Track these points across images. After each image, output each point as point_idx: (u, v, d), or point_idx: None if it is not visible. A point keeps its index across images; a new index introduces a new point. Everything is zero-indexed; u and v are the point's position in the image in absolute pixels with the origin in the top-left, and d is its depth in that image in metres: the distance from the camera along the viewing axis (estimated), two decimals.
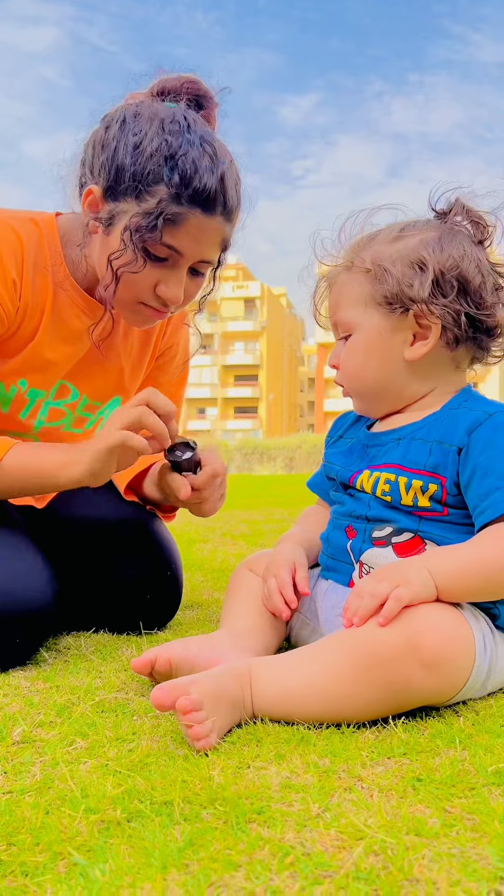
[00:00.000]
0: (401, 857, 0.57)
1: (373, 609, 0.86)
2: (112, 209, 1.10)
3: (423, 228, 1.05)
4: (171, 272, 1.13)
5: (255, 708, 0.88)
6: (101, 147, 1.10)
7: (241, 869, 0.56)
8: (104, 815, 0.65)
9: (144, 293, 1.15)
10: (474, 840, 0.60)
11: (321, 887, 0.53)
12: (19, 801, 0.68)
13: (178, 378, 1.48)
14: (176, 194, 1.06)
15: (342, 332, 1.09)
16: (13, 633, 1.08)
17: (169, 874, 0.55)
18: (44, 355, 1.23)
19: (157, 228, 1.07)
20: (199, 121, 1.10)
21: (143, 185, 1.06)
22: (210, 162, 1.07)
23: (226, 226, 1.13)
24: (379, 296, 1.03)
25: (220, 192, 1.08)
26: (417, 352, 1.03)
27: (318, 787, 0.70)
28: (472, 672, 0.88)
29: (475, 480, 0.96)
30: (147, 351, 1.39)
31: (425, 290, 0.99)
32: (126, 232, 1.08)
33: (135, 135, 1.07)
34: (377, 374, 1.06)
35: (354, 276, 1.06)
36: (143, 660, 0.98)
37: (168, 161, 1.05)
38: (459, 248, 1.01)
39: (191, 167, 1.05)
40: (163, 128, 1.06)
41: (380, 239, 1.06)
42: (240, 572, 1.21)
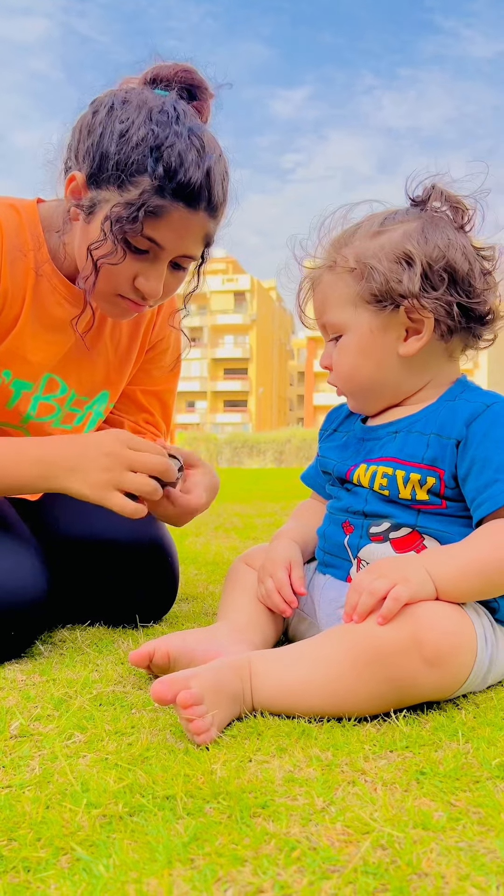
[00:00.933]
0: (408, 850, 0.56)
1: (371, 606, 0.85)
2: (94, 197, 1.08)
3: (404, 219, 1.03)
4: (151, 265, 1.11)
5: (255, 702, 0.87)
6: (87, 132, 1.07)
7: (248, 864, 0.55)
8: (106, 809, 0.64)
9: (123, 285, 1.12)
10: (481, 833, 0.60)
11: (329, 882, 0.52)
12: (19, 796, 0.67)
13: (170, 372, 1.46)
14: (159, 187, 1.03)
15: (332, 334, 1.07)
16: (7, 626, 1.06)
17: (174, 869, 0.54)
18: (26, 344, 1.21)
19: (138, 220, 1.04)
20: (189, 112, 1.08)
21: (127, 174, 1.04)
22: (197, 155, 1.04)
23: (209, 222, 1.10)
24: (367, 294, 1.01)
25: (206, 187, 1.06)
26: (412, 347, 1.02)
27: (321, 781, 0.69)
28: (473, 667, 0.88)
29: (473, 473, 0.95)
30: (135, 343, 1.37)
31: (415, 284, 0.98)
32: (107, 222, 1.06)
33: (121, 122, 1.04)
34: (372, 373, 1.05)
35: (339, 276, 1.03)
36: (141, 653, 0.97)
37: (153, 152, 1.03)
38: (444, 237, 0.99)
39: (176, 160, 1.03)
40: (150, 117, 1.04)
41: (360, 234, 1.04)
42: (237, 567, 1.20)
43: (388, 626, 0.84)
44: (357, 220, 1.07)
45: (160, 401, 1.46)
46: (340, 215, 1.08)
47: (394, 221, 1.03)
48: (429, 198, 1.03)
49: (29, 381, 1.24)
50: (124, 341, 1.35)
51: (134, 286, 1.12)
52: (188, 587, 1.77)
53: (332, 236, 1.07)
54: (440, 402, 1.04)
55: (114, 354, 1.34)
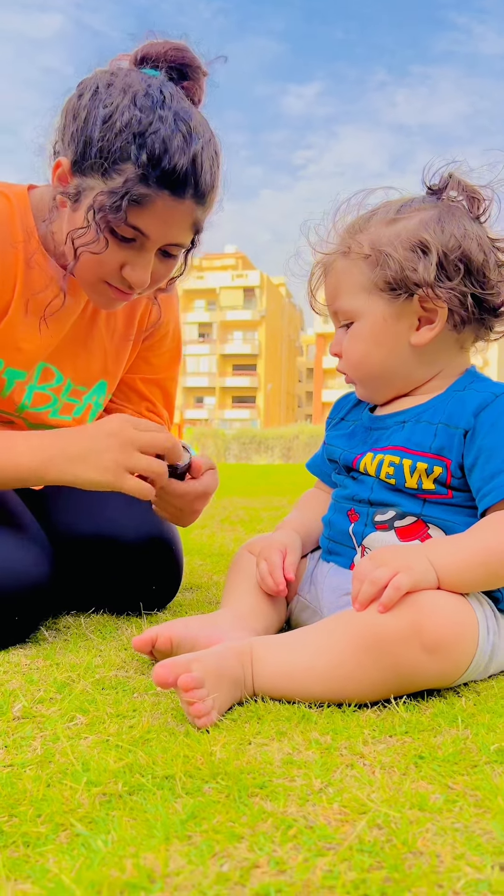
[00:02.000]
0: (404, 830, 0.57)
1: (372, 595, 0.86)
2: (79, 184, 1.05)
3: (420, 207, 1.02)
4: (138, 254, 1.09)
5: (256, 687, 0.88)
6: (72, 116, 1.05)
7: (244, 840, 0.55)
8: (105, 788, 0.64)
9: (110, 274, 1.10)
10: (477, 815, 0.60)
11: (325, 859, 0.53)
12: (20, 774, 0.68)
13: (169, 359, 1.45)
14: (143, 175, 1.01)
15: (343, 320, 1.07)
16: (10, 610, 1.07)
17: (172, 845, 0.55)
18: (17, 333, 1.20)
19: (122, 209, 1.02)
20: (176, 95, 1.05)
21: (110, 162, 1.01)
22: (183, 141, 1.01)
23: (197, 209, 1.08)
24: (381, 282, 1.00)
25: (192, 174, 1.03)
26: (424, 337, 1.01)
27: (319, 764, 0.70)
28: (475, 656, 0.88)
29: (479, 463, 0.95)
30: (131, 331, 1.36)
31: (430, 273, 0.97)
32: (90, 211, 1.04)
33: (105, 107, 1.01)
34: (383, 361, 1.04)
35: (353, 263, 1.02)
36: (144, 638, 0.98)
37: (137, 138, 1.00)
38: (460, 227, 0.99)
39: (160, 146, 1.00)
40: (135, 101, 1.01)
41: (376, 221, 1.03)
42: (241, 554, 1.20)
43: (390, 614, 0.84)
44: (372, 207, 1.06)
45: (161, 388, 1.45)
46: (356, 202, 1.07)
47: (410, 209, 1.02)
48: (445, 186, 1.03)
49: (22, 370, 1.23)
50: (119, 329, 1.34)
51: (121, 275, 1.10)
52: (193, 577, 1.78)
53: (347, 222, 1.06)
54: (449, 392, 1.03)
55: (110, 343, 1.33)
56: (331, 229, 1.07)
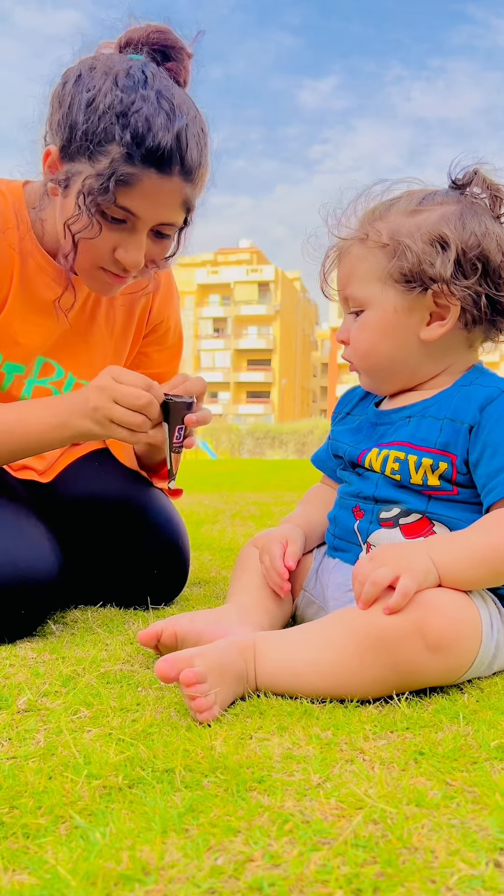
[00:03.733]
0: (400, 826, 0.57)
1: (374, 596, 0.85)
2: (68, 170, 1.06)
3: (443, 201, 1.00)
4: (130, 236, 1.09)
5: (259, 682, 0.88)
6: (57, 104, 1.06)
7: (240, 834, 0.56)
8: (106, 780, 0.65)
9: (103, 258, 1.11)
10: (474, 812, 0.60)
11: (319, 853, 0.53)
12: (23, 767, 0.68)
13: (170, 354, 1.45)
14: (128, 154, 1.01)
15: (353, 307, 1.05)
16: (18, 605, 1.08)
17: (168, 838, 0.55)
18: (15, 326, 1.20)
19: (110, 190, 1.02)
20: (159, 74, 1.05)
21: (95, 144, 1.02)
22: (166, 118, 1.01)
23: (186, 186, 1.07)
24: (397, 273, 0.99)
25: (177, 150, 1.03)
26: (434, 332, 1.00)
27: (319, 759, 0.70)
28: (478, 653, 0.88)
29: (485, 458, 0.95)
30: (131, 326, 1.36)
31: (447, 269, 0.96)
32: (80, 196, 1.04)
33: (88, 91, 1.02)
34: (390, 353, 1.03)
35: (370, 251, 1.01)
36: (150, 632, 0.99)
37: (120, 118, 1.00)
38: (482, 226, 0.97)
39: (143, 124, 1.00)
40: (116, 83, 1.01)
41: (397, 210, 1.01)
42: (247, 550, 1.20)
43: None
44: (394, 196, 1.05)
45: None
46: (379, 190, 1.06)
47: (432, 202, 1.01)
48: (470, 182, 1.01)
49: (21, 364, 1.24)
50: (119, 324, 1.34)
51: (114, 258, 1.10)
52: (201, 572, 1.78)
53: (367, 208, 1.05)
54: (455, 387, 1.03)
55: (109, 338, 1.33)
56: (350, 214, 1.06)
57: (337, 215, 1.06)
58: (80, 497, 1.33)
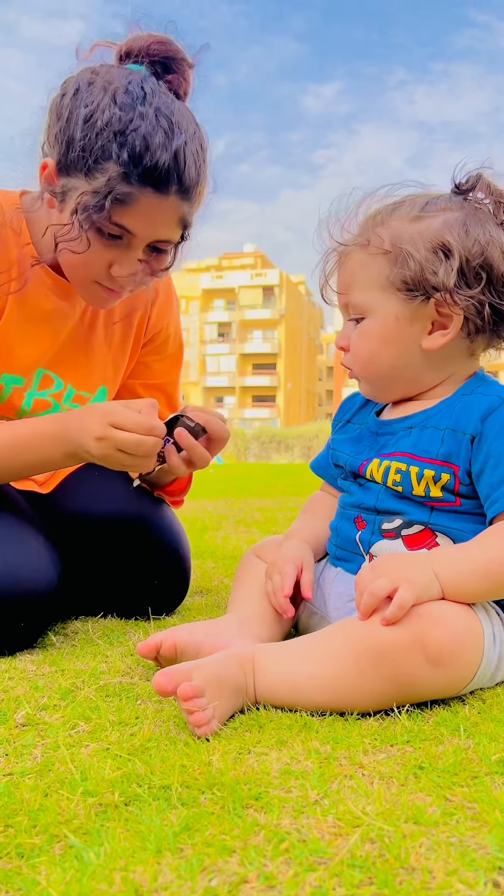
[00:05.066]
0: (397, 845, 0.56)
1: (372, 607, 0.84)
2: (65, 184, 1.06)
3: (446, 207, 0.99)
4: (125, 252, 1.08)
5: (258, 695, 0.87)
6: (56, 116, 1.05)
7: (236, 854, 0.55)
8: (102, 798, 0.64)
9: (99, 273, 1.11)
10: (474, 829, 0.59)
11: (315, 874, 0.52)
12: (19, 784, 0.68)
13: (171, 364, 1.45)
14: (125, 173, 1.00)
15: (354, 314, 1.04)
16: (17, 617, 1.08)
17: (163, 858, 0.55)
18: (12, 338, 1.20)
19: (105, 209, 1.02)
20: (158, 90, 1.04)
21: (92, 161, 1.01)
22: (164, 137, 1.01)
23: (183, 204, 1.07)
24: (398, 281, 0.97)
25: (175, 169, 1.02)
26: (436, 342, 0.99)
27: (317, 774, 0.69)
28: (480, 666, 0.87)
29: (487, 469, 0.94)
30: (129, 336, 1.35)
31: (450, 278, 0.94)
32: (75, 212, 1.04)
33: (86, 106, 1.01)
34: (391, 361, 1.02)
35: (372, 257, 1.00)
36: (149, 644, 0.98)
37: (118, 136, 0.99)
38: (485, 233, 0.96)
39: (141, 144, 1.00)
40: (115, 99, 1.00)
41: (399, 215, 1.00)
42: (248, 559, 1.19)
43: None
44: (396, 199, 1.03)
45: (164, 393, 1.45)
46: (381, 195, 1.04)
47: (435, 208, 0.99)
48: (473, 187, 1.00)
49: (19, 376, 1.24)
50: (118, 335, 1.34)
51: (109, 273, 1.10)
52: (204, 580, 1.78)
53: (369, 211, 1.04)
54: (456, 397, 1.01)
55: (108, 349, 1.33)
56: (352, 218, 1.04)
57: (339, 219, 1.04)
58: (79, 507, 1.33)
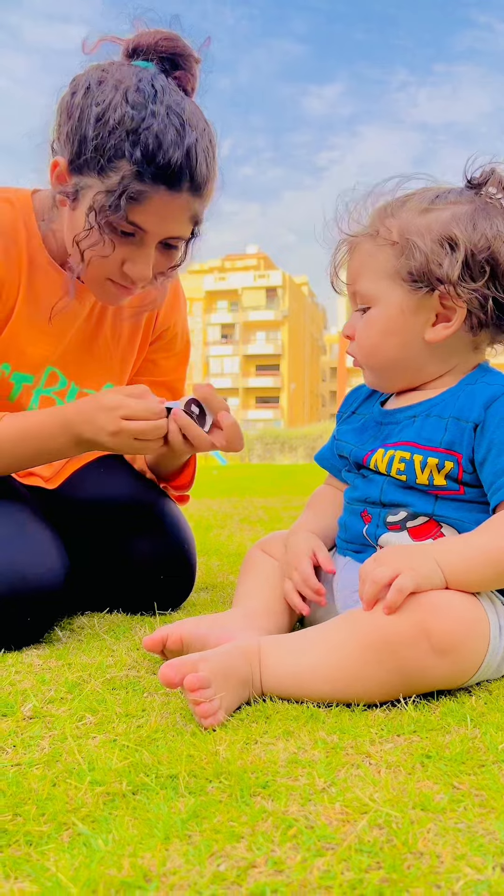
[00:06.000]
0: (405, 830, 0.56)
1: (374, 595, 0.85)
2: (77, 183, 1.06)
3: (456, 201, 0.99)
4: (138, 250, 1.09)
5: (264, 687, 0.88)
6: (66, 115, 1.05)
7: (244, 840, 0.55)
8: (110, 787, 0.65)
9: (112, 271, 1.11)
10: (481, 815, 0.59)
11: (323, 859, 0.52)
12: (27, 774, 0.68)
13: (178, 361, 1.45)
14: (138, 171, 1.01)
15: (360, 304, 1.05)
16: (24, 612, 1.08)
17: (171, 844, 0.55)
18: (22, 336, 1.21)
19: (122, 208, 1.02)
20: (168, 87, 1.04)
21: (105, 160, 1.02)
22: (176, 135, 1.01)
23: (195, 201, 1.08)
24: (404, 271, 0.98)
25: (187, 166, 1.03)
26: (439, 334, 0.99)
27: (324, 763, 0.69)
28: (485, 656, 0.87)
29: (491, 457, 0.94)
30: (137, 334, 1.36)
31: (455, 270, 0.94)
32: (91, 213, 1.05)
33: (97, 104, 1.01)
34: (394, 351, 1.03)
35: (380, 247, 1.00)
36: (155, 638, 0.98)
37: (130, 135, 1.00)
38: (493, 228, 0.96)
39: (154, 142, 1.00)
40: (126, 98, 1.01)
41: (409, 208, 1.00)
42: (253, 553, 1.20)
43: (397, 615, 0.83)
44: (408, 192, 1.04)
45: (170, 390, 1.45)
46: (391, 187, 1.04)
47: (445, 201, 0.99)
48: (486, 182, 1.00)
49: (30, 374, 1.24)
50: (126, 333, 1.34)
51: (122, 271, 1.11)
52: (208, 577, 1.78)
53: (380, 203, 1.04)
54: (460, 386, 1.02)
55: (115, 347, 1.33)
56: (362, 209, 1.05)
57: (349, 211, 1.05)
58: (86, 503, 1.33)
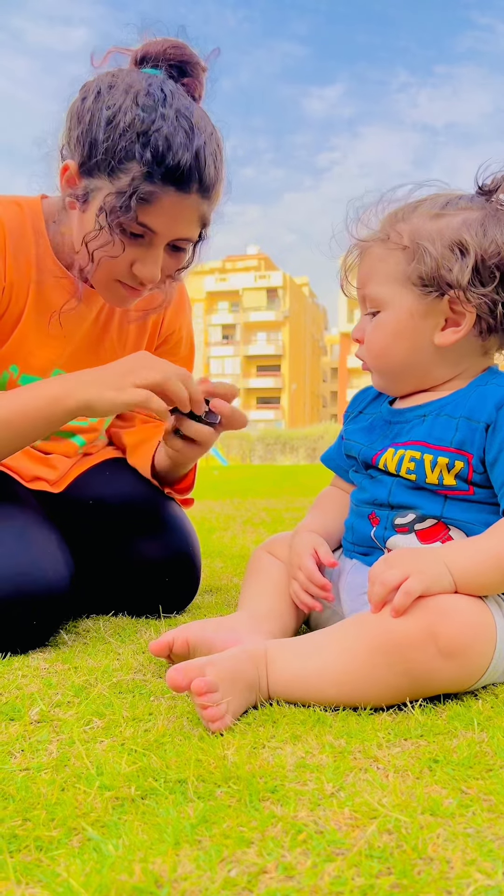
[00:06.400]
0: (415, 835, 0.56)
1: (383, 597, 0.85)
2: (87, 185, 1.08)
3: (467, 207, 1.00)
4: (148, 251, 1.10)
5: (271, 690, 0.88)
6: (76, 119, 1.07)
7: (254, 845, 0.55)
8: (119, 792, 0.65)
9: (121, 272, 1.12)
10: (491, 820, 0.59)
11: (333, 864, 0.53)
12: (35, 778, 0.68)
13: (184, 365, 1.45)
14: (148, 172, 1.03)
15: (370, 307, 1.05)
16: (30, 615, 1.08)
17: (181, 849, 0.55)
18: (31, 339, 1.21)
19: (132, 209, 1.04)
20: (177, 92, 1.06)
21: (116, 161, 1.03)
22: (185, 137, 1.03)
23: (203, 203, 1.10)
24: (415, 276, 0.98)
25: (196, 168, 1.05)
26: (448, 338, 1.00)
27: (333, 767, 0.69)
28: (492, 659, 0.87)
29: (502, 458, 0.94)
30: (143, 338, 1.37)
31: (465, 276, 0.95)
32: (101, 214, 1.06)
33: (108, 108, 1.03)
34: (403, 355, 1.03)
35: (390, 252, 1.01)
36: (161, 642, 0.98)
37: (140, 137, 1.02)
38: (503, 234, 0.97)
39: (164, 144, 1.02)
40: (137, 101, 1.03)
41: (420, 213, 1.01)
42: (258, 555, 1.20)
43: (405, 618, 0.83)
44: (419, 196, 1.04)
45: None
46: (404, 193, 1.05)
47: (456, 207, 1.00)
48: (497, 188, 1.01)
49: (38, 376, 1.25)
50: (132, 337, 1.35)
51: (131, 272, 1.12)
52: (213, 579, 1.78)
53: (390, 209, 1.05)
54: (470, 387, 1.02)
55: (121, 350, 1.34)
56: (372, 214, 1.06)
57: (360, 214, 1.06)
58: (91, 506, 1.33)
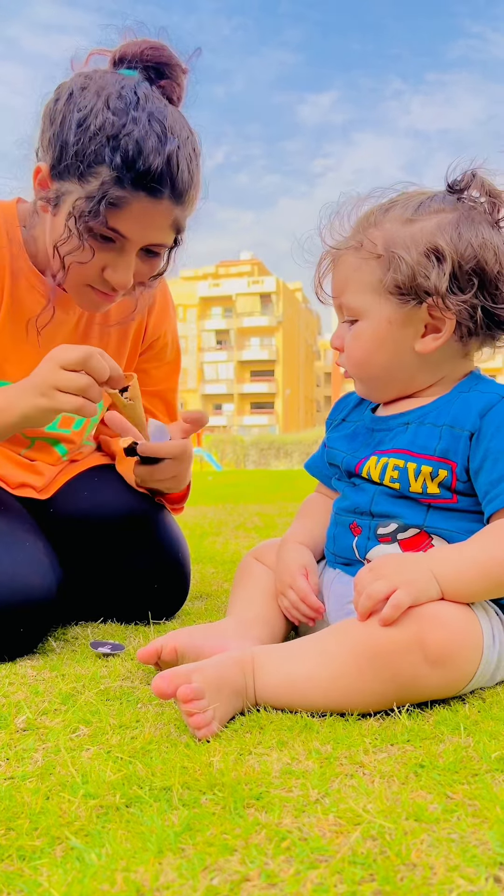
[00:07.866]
0: (399, 842, 0.56)
1: (369, 609, 0.84)
2: (59, 189, 1.06)
3: (440, 209, 0.98)
4: (119, 256, 1.09)
5: (258, 696, 0.87)
6: (49, 121, 1.06)
7: (237, 853, 0.55)
8: (103, 800, 0.64)
9: (92, 277, 1.11)
10: (475, 826, 0.59)
11: (316, 871, 0.52)
12: (20, 787, 0.68)
13: (169, 370, 1.45)
14: (118, 177, 1.01)
15: (348, 316, 1.04)
16: (17, 623, 1.08)
17: (164, 858, 0.55)
18: (6, 345, 1.20)
19: (101, 214, 1.02)
20: (151, 95, 1.04)
21: (86, 165, 1.02)
22: (157, 141, 1.01)
23: (176, 208, 1.08)
24: (391, 285, 0.97)
25: (167, 174, 1.03)
26: (428, 345, 0.99)
27: (318, 774, 0.69)
28: (479, 666, 0.87)
29: (486, 466, 0.94)
30: (125, 345, 1.36)
31: (442, 282, 0.94)
32: (71, 218, 1.04)
33: (79, 110, 1.01)
34: (384, 364, 1.02)
35: (365, 261, 0.99)
36: (149, 650, 0.97)
37: (111, 141, 1.00)
38: (478, 235, 0.95)
39: (134, 148, 1.00)
40: (108, 104, 1.01)
41: (392, 217, 0.99)
42: (247, 562, 1.19)
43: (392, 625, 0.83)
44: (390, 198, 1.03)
45: (163, 400, 1.45)
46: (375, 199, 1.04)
47: (429, 209, 0.98)
48: (468, 186, 0.99)
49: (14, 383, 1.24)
50: (113, 343, 1.34)
51: (102, 277, 1.10)
52: (203, 585, 1.78)
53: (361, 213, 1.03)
54: (453, 394, 1.02)
55: None
56: (345, 220, 1.04)
57: (332, 222, 1.05)
58: (78, 512, 1.33)
